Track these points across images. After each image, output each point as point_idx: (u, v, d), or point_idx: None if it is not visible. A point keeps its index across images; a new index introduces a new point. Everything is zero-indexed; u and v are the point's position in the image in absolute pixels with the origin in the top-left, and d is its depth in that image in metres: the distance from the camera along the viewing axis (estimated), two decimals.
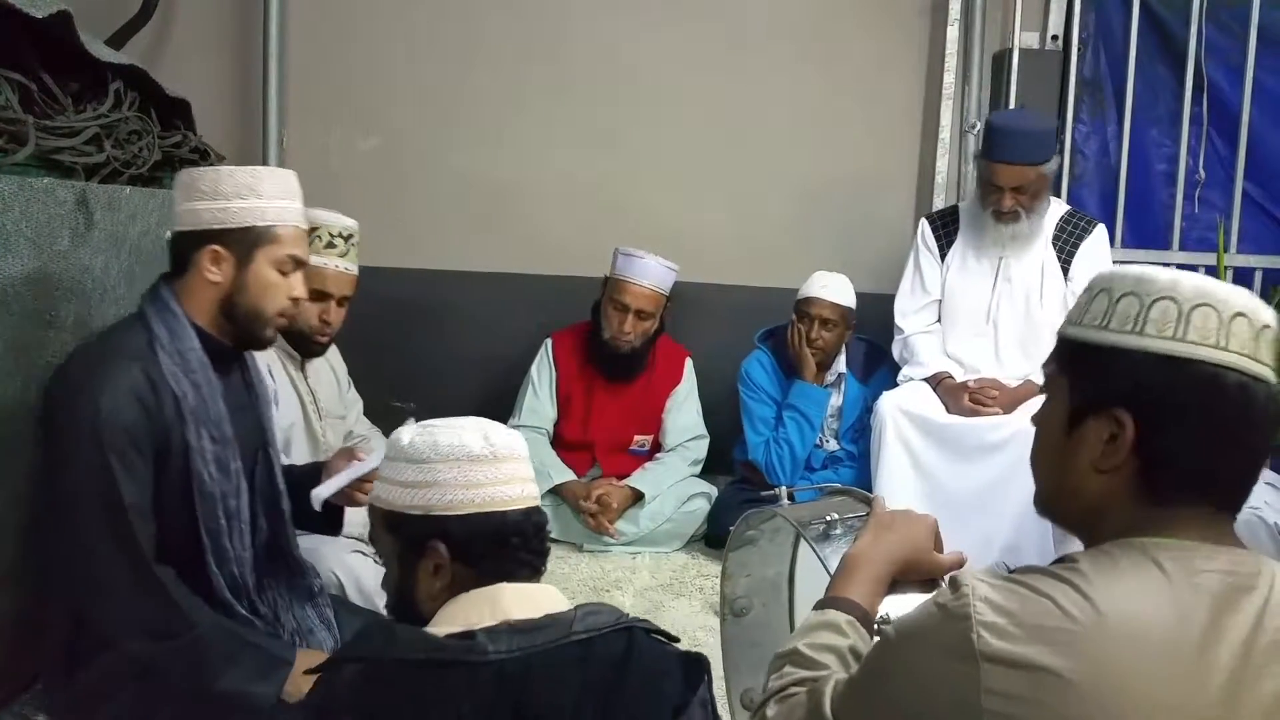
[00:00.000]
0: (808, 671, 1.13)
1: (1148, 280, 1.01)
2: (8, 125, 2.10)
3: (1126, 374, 0.99)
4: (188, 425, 1.79)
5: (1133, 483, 1.00)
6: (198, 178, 1.84)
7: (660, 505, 3.35)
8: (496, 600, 1.24)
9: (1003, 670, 0.90)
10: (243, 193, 1.82)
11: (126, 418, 1.71)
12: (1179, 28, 3.65)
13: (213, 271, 1.82)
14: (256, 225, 1.83)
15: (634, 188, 3.83)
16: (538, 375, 3.49)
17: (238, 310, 1.85)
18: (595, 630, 1.21)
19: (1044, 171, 3.05)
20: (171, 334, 1.80)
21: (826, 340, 3.36)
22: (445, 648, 1.16)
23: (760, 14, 3.78)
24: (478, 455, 1.28)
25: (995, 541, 2.94)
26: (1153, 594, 0.93)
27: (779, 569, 1.78)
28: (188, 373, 1.80)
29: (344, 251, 2.63)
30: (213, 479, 1.82)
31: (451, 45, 3.78)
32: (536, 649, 1.16)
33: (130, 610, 1.74)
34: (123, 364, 1.75)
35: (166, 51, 3.64)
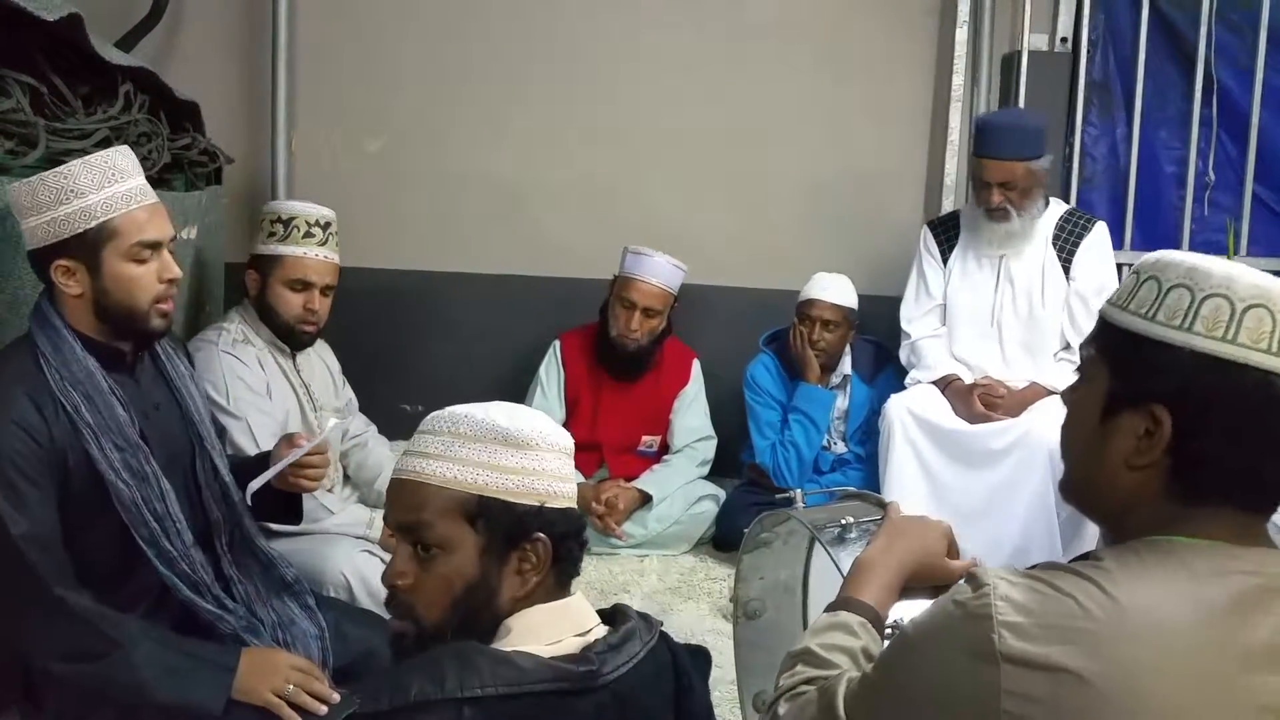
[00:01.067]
0: (818, 671, 1.12)
1: (1201, 273, 0.96)
2: (19, 128, 2.11)
3: (1171, 371, 0.95)
4: (85, 438, 1.72)
5: (1164, 481, 0.97)
6: (19, 194, 1.74)
7: (668, 508, 3.34)
8: (576, 615, 1.17)
9: (1023, 671, 0.89)
10: (63, 197, 1.70)
11: (10, 448, 1.65)
12: (1189, 29, 3.64)
13: (69, 285, 1.74)
14: (88, 227, 1.72)
15: (641, 189, 3.83)
16: (546, 376, 3.48)
17: (112, 313, 1.77)
18: (650, 638, 1.18)
19: (1033, 168, 3.05)
20: (54, 348, 1.73)
21: (829, 341, 3.35)
22: (568, 675, 1.07)
23: (768, 14, 3.77)
24: (569, 449, 1.20)
25: (1003, 545, 2.94)
26: (1178, 594, 0.91)
27: (792, 572, 1.77)
28: (75, 385, 1.73)
29: (322, 240, 2.64)
30: (128, 485, 1.75)
31: (458, 47, 3.78)
32: (632, 664, 1.12)
33: (43, 637, 1.69)
34: (5, 392, 1.68)
35: (175, 54, 3.64)
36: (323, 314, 2.65)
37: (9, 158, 2.05)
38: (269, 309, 2.61)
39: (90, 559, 1.76)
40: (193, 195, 2.75)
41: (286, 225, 2.62)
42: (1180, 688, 0.88)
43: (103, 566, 1.79)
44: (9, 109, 2.11)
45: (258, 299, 2.63)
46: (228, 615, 1.87)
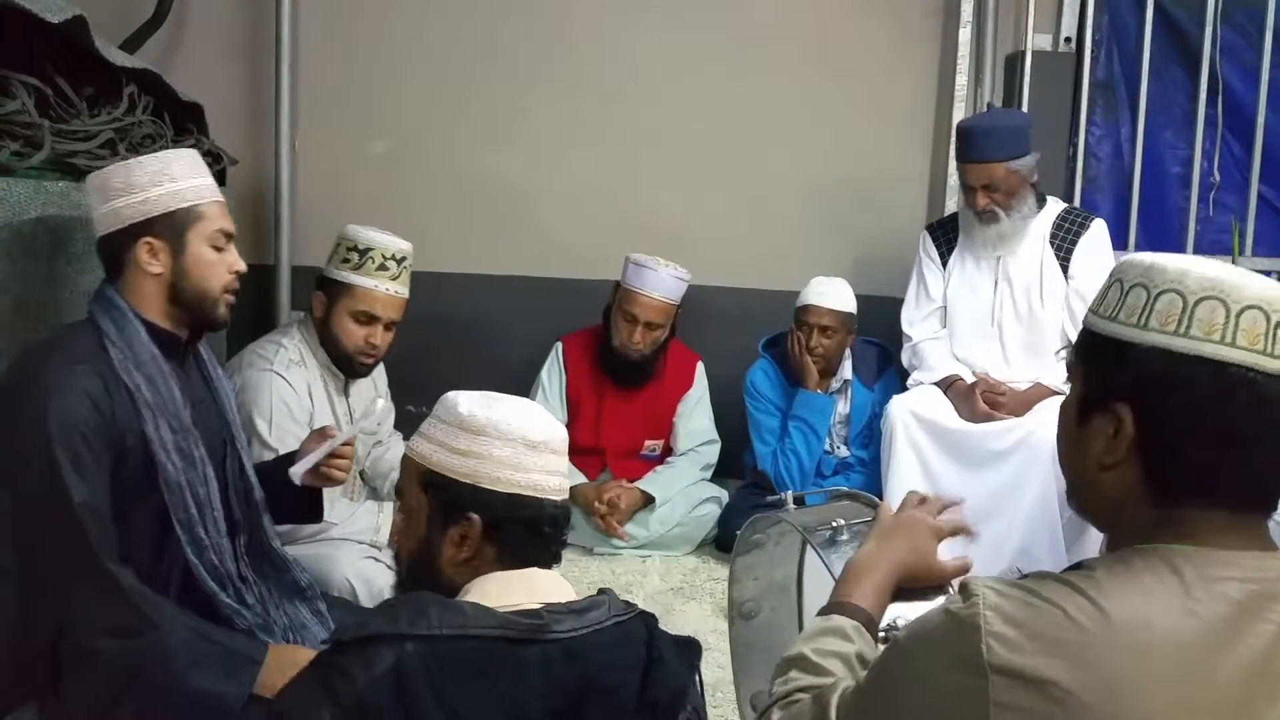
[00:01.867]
0: (813, 678, 1.12)
1: (1156, 270, 0.97)
2: (24, 129, 2.12)
3: (1129, 369, 0.96)
4: (144, 418, 1.76)
5: (1139, 482, 0.97)
6: (109, 176, 1.82)
7: (670, 509, 3.35)
8: (533, 583, 1.26)
9: (1011, 683, 0.89)
10: (158, 180, 1.81)
11: (77, 416, 1.69)
12: (1193, 29, 3.63)
13: (152, 264, 1.81)
14: (180, 207, 1.82)
15: (644, 190, 3.83)
16: (548, 379, 3.48)
17: (185, 295, 1.84)
18: (623, 615, 1.26)
19: (1013, 168, 3.05)
20: (119, 330, 1.78)
21: (827, 347, 3.34)
22: (515, 624, 1.17)
23: (771, 15, 3.77)
24: (535, 442, 1.29)
25: (1006, 546, 2.93)
26: (1167, 603, 0.90)
27: (786, 572, 1.78)
28: (139, 366, 1.78)
29: (396, 274, 2.58)
30: (176, 468, 1.80)
31: (462, 49, 3.79)
32: (588, 629, 1.21)
33: (91, 610, 1.71)
34: (72, 365, 1.73)
35: (179, 56, 3.66)
36: (384, 348, 2.60)
37: (15, 159, 2.07)
38: (330, 335, 2.56)
39: (126, 542, 1.78)
40: None
41: (362, 255, 2.55)
42: (1168, 700, 0.87)
43: (135, 550, 1.80)
44: (14, 111, 2.12)
45: (321, 321, 2.57)
46: (245, 611, 1.89)
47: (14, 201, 2.00)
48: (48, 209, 2.09)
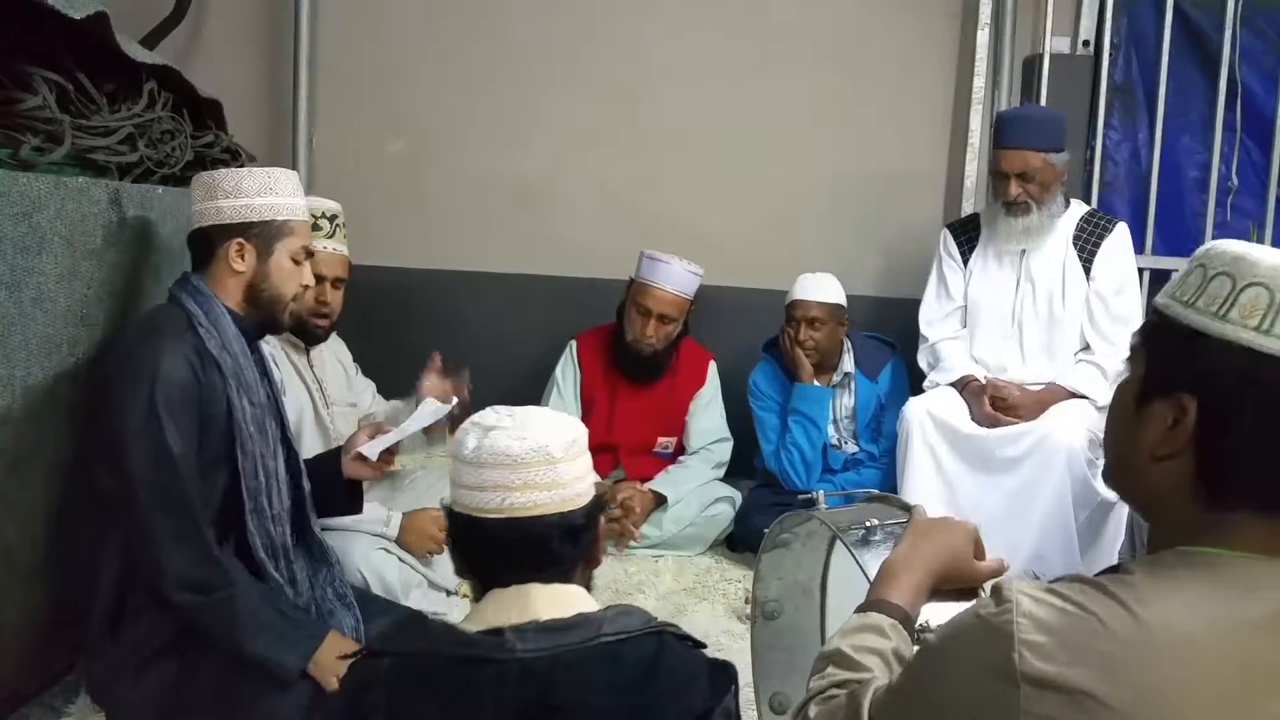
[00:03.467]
0: (850, 673, 1.11)
1: (1246, 262, 0.93)
2: (44, 125, 2.12)
3: (1201, 360, 0.92)
4: (231, 388, 1.94)
5: (1190, 478, 0.94)
6: (221, 178, 2.01)
7: (683, 509, 3.34)
8: (526, 600, 1.25)
9: (1043, 693, 0.87)
10: (263, 191, 2.00)
11: (181, 377, 1.86)
12: (1213, 33, 3.61)
13: (239, 262, 2.00)
14: (275, 220, 2.02)
15: (659, 190, 3.83)
16: (562, 376, 3.49)
17: (262, 296, 2.03)
18: (625, 632, 1.21)
19: (1050, 160, 3.04)
20: (206, 313, 1.95)
21: (817, 340, 3.34)
22: (475, 643, 1.19)
23: (788, 15, 3.77)
24: (466, 457, 1.29)
25: (1021, 550, 2.91)
26: (1207, 613, 0.87)
27: (811, 573, 1.77)
28: (226, 344, 1.96)
29: (330, 232, 2.65)
30: (252, 439, 1.96)
31: (479, 48, 3.79)
32: (564, 648, 1.18)
33: (174, 558, 1.83)
34: (172, 335, 1.90)
35: (199, 52, 3.67)
36: (335, 307, 2.66)
37: (35, 154, 2.06)
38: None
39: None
40: None
41: None
42: (1203, 708, 0.85)
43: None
44: (35, 106, 2.12)
45: None
46: (289, 589, 2.01)
47: (33, 196, 2.00)
48: (67, 204, 2.09)
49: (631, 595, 3.00)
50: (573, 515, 1.29)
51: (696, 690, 1.21)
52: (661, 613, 2.86)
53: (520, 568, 1.27)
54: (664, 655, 1.22)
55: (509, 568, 1.27)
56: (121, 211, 2.25)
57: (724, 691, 1.24)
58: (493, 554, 1.28)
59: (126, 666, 1.91)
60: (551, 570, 1.28)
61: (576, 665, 1.18)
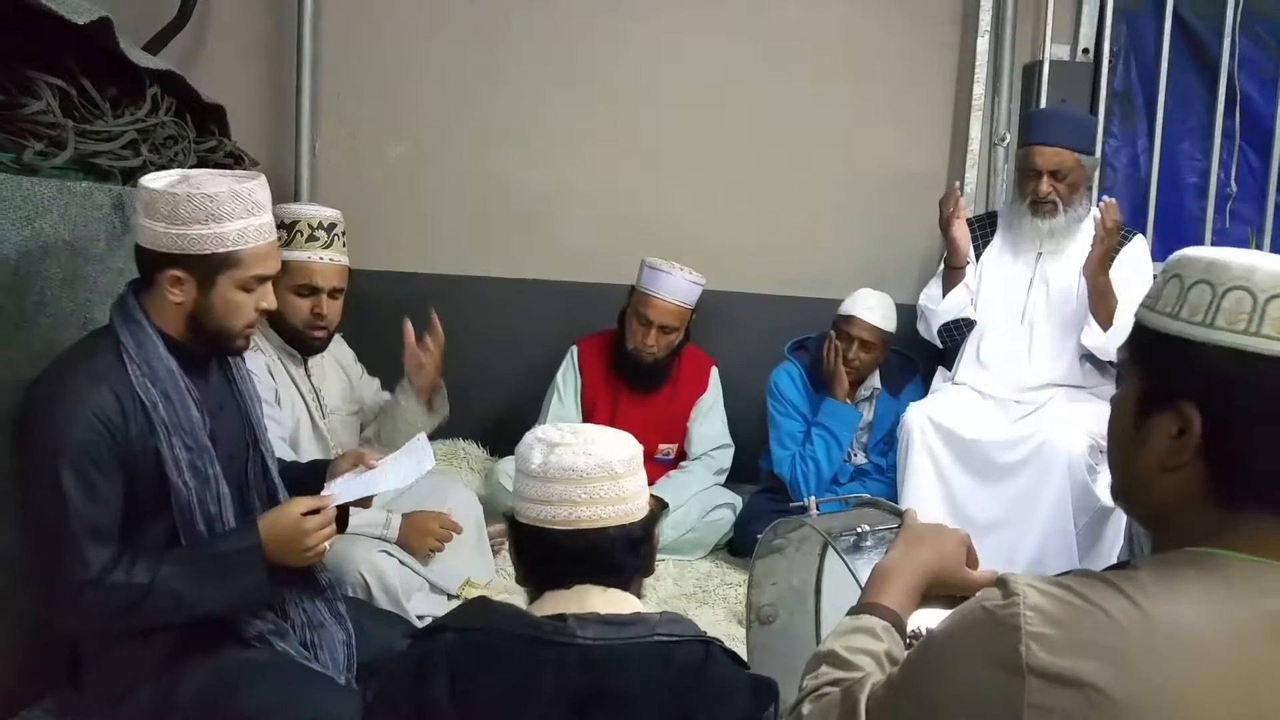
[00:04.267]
0: (843, 672, 1.12)
1: (1221, 267, 0.94)
2: (48, 129, 2.14)
3: (1194, 368, 0.93)
4: (158, 435, 1.76)
5: (1202, 484, 0.94)
6: (156, 199, 1.74)
7: (684, 515, 3.34)
8: (583, 597, 1.31)
9: (1049, 685, 0.87)
10: (201, 218, 1.73)
11: (88, 440, 1.69)
12: (1211, 40, 3.62)
13: (175, 293, 1.78)
14: (217, 251, 1.76)
15: (662, 196, 3.84)
16: (563, 382, 3.49)
17: (204, 328, 1.82)
18: (678, 636, 1.27)
19: (1082, 162, 3.04)
20: (138, 344, 1.77)
21: (864, 361, 3.33)
22: (539, 625, 1.25)
23: (790, 22, 3.78)
24: (533, 471, 1.34)
25: (1020, 555, 2.92)
26: (1212, 611, 0.88)
27: (805, 578, 1.78)
28: (155, 382, 1.77)
29: (327, 243, 2.58)
30: (188, 487, 1.79)
31: (482, 54, 3.80)
32: (621, 641, 1.24)
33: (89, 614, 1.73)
34: (86, 384, 1.72)
35: (202, 57, 3.69)
36: (332, 318, 2.60)
37: (39, 159, 2.08)
38: (277, 315, 2.50)
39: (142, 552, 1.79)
40: None
41: (290, 230, 2.53)
42: (1209, 709, 0.85)
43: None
44: (39, 111, 2.14)
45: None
46: (254, 620, 1.89)
47: (37, 201, 2.02)
48: (70, 209, 2.11)
49: None
50: (632, 528, 1.35)
51: (739, 701, 1.25)
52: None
53: (587, 574, 1.33)
54: (711, 664, 1.26)
55: (575, 574, 1.33)
56: (125, 216, 2.27)
57: (765, 706, 1.27)
58: (559, 562, 1.33)
59: (99, 703, 1.84)
60: (612, 579, 1.34)
61: (631, 659, 1.23)
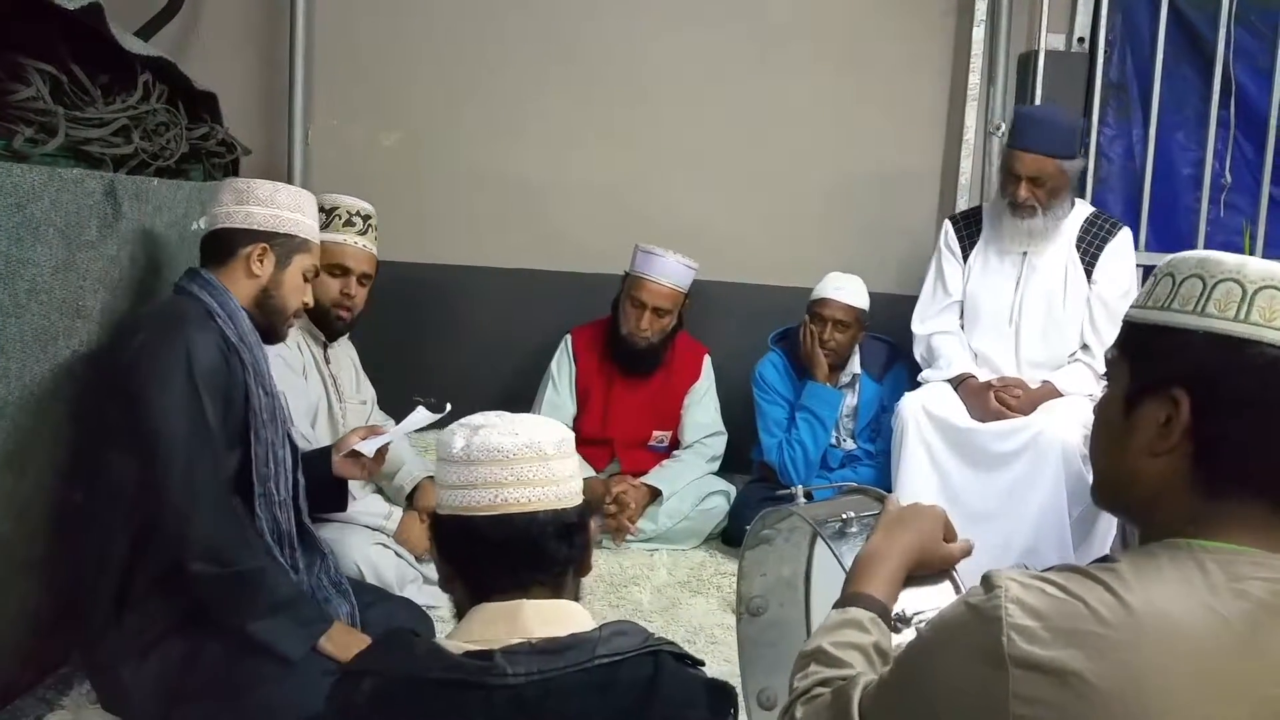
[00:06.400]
0: (833, 670, 1.12)
1: (1213, 262, 0.98)
2: (38, 116, 2.12)
3: (1184, 353, 0.96)
4: (250, 375, 2.03)
5: (1187, 469, 0.97)
6: (256, 186, 2.14)
7: (678, 503, 3.35)
8: (516, 617, 1.20)
9: (1031, 675, 0.88)
10: (294, 208, 2.15)
11: (211, 360, 1.95)
12: (1207, 30, 3.61)
13: (258, 266, 2.11)
14: (298, 235, 2.15)
15: (656, 185, 3.84)
16: (557, 370, 3.50)
17: (270, 303, 2.13)
18: (620, 653, 1.17)
19: (1065, 167, 3.03)
20: (222, 304, 2.04)
21: (839, 341, 3.36)
22: (462, 667, 1.14)
23: (784, 13, 3.77)
24: (454, 455, 1.25)
25: (1014, 544, 2.93)
26: (1191, 600, 0.90)
27: (794, 568, 1.78)
28: (243, 335, 2.05)
29: (362, 230, 2.74)
30: (265, 426, 2.04)
31: (475, 42, 3.79)
32: (557, 672, 1.13)
33: (203, 526, 1.89)
34: (194, 328, 1.97)
35: (194, 44, 3.67)
36: (358, 302, 2.73)
37: (29, 145, 2.07)
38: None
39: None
40: (210, 185, 2.77)
41: (329, 214, 2.69)
42: (1189, 695, 0.86)
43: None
44: (29, 97, 2.12)
45: None
46: (293, 574, 2.04)
47: (28, 187, 2.01)
48: (61, 195, 2.09)
49: (626, 588, 3.01)
50: (566, 513, 1.25)
51: (695, 713, 1.18)
52: (656, 606, 2.89)
53: (513, 570, 1.22)
54: (661, 678, 1.17)
55: (502, 570, 1.22)
56: (116, 203, 2.26)
57: (724, 713, 1.21)
58: (484, 556, 1.23)
59: (129, 651, 1.93)
60: (545, 573, 1.23)
61: (570, 691, 1.13)
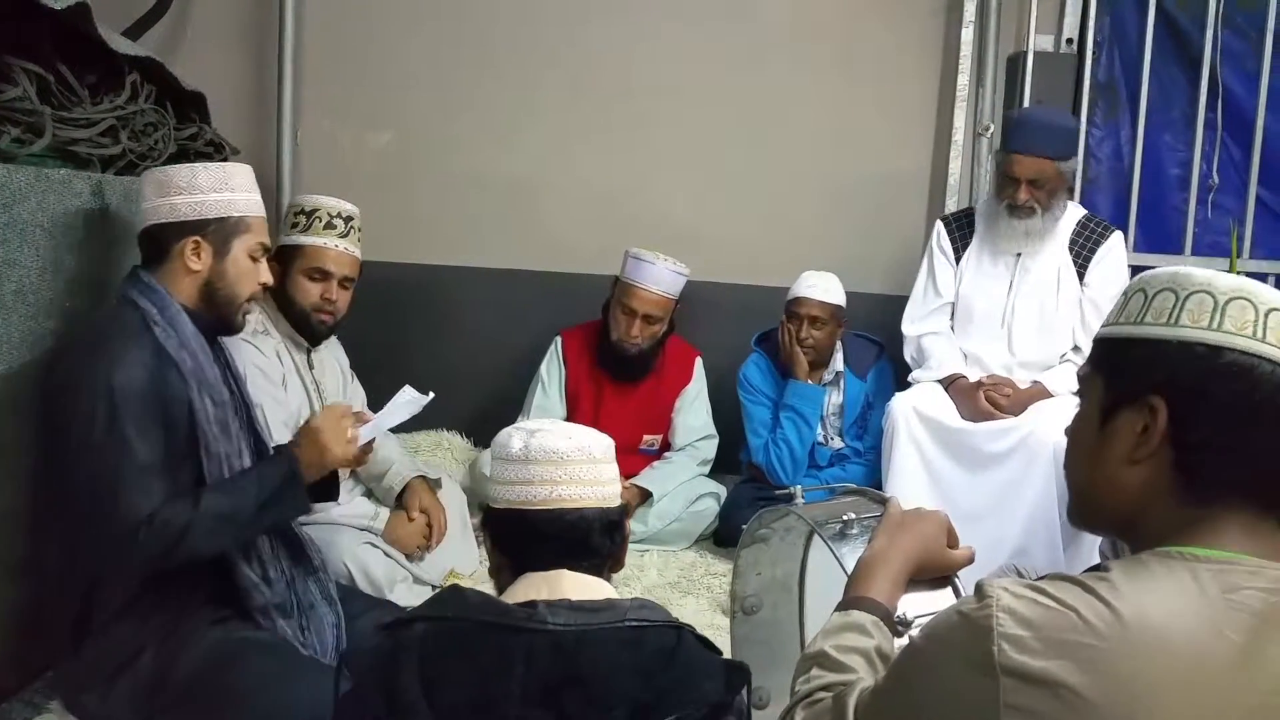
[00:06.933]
0: (835, 675, 1.13)
1: (1184, 276, 1.01)
2: (25, 116, 2.11)
3: (1160, 363, 0.98)
4: (191, 388, 1.88)
5: (1169, 476, 0.98)
6: (174, 174, 1.95)
7: (669, 505, 3.35)
8: (556, 583, 1.32)
9: (1022, 685, 0.88)
10: (217, 187, 1.96)
11: (138, 385, 1.81)
12: (1194, 32, 3.63)
13: (194, 261, 1.95)
14: (231, 216, 1.97)
15: (647, 186, 3.83)
16: (547, 373, 3.49)
17: (218, 295, 1.98)
18: (649, 621, 1.27)
19: (1061, 169, 3.04)
20: (161, 310, 1.90)
21: (817, 339, 3.36)
22: (510, 612, 1.26)
23: (774, 15, 3.77)
24: (513, 455, 1.36)
25: (1004, 545, 2.93)
26: (1184, 609, 0.90)
27: (789, 568, 1.78)
28: (184, 342, 1.90)
29: (344, 232, 2.66)
30: (216, 439, 1.91)
31: (465, 42, 3.78)
32: (592, 626, 1.24)
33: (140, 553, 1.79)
34: (120, 344, 1.83)
35: (182, 45, 3.65)
36: (341, 306, 2.66)
37: (15, 146, 2.06)
38: (288, 299, 2.63)
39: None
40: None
41: (309, 216, 2.64)
42: (1181, 706, 0.86)
43: None
44: (16, 97, 2.11)
45: (278, 290, 2.59)
46: (265, 587, 1.96)
47: (14, 188, 2.00)
48: (48, 196, 2.09)
49: (617, 589, 2.97)
50: (610, 511, 1.39)
51: (711, 685, 1.25)
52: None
53: (560, 557, 1.35)
54: (682, 648, 1.27)
55: (551, 558, 1.35)
56: (104, 204, 2.25)
57: (737, 689, 1.27)
58: (536, 545, 1.35)
59: (95, 679, 1.87)
60: (588, 561, 1.36)
61: (602, 643, 1.23)
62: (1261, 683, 0.88)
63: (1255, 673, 0.88)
